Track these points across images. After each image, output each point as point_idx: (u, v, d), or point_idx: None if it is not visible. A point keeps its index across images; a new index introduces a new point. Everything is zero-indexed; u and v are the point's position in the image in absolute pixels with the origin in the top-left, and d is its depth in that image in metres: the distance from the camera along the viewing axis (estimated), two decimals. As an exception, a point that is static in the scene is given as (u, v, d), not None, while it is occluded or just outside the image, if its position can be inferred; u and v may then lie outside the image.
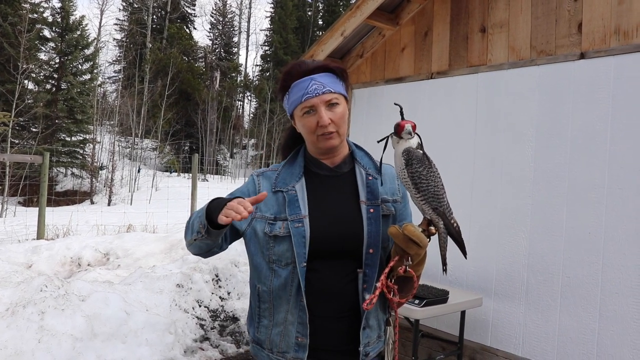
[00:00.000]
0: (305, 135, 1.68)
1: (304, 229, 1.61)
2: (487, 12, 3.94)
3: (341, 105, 1.66)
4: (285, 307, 1.65)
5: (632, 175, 3.14)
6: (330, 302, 1.63)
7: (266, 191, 1.70)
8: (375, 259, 1.64)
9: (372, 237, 1.63)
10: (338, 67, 1.69)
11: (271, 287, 1.66)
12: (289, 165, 1.75)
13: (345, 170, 1.74)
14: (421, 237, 1.46)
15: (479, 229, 3.88)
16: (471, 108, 4.00)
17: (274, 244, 1.65)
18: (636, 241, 3.11)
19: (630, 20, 3.18)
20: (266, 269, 1.68)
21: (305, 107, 1.63)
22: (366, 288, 1.63)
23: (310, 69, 1.66)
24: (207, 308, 4.84)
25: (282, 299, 1.65)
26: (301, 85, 1.64)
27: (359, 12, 4.31)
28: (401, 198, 1.77)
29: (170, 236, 7.23)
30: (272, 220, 1.66)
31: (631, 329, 3.11)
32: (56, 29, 28.74)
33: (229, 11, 52.16)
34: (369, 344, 1.67)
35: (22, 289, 3.92)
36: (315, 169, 1.73)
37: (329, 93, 1.62)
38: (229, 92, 43.35)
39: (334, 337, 1.65)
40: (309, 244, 1.61)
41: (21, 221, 11.46)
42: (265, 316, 1.70)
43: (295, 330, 1.63)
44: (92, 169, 27.78)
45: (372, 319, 1.67)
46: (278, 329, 1.66)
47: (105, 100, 38.49)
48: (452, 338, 3.96)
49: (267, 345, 1.69)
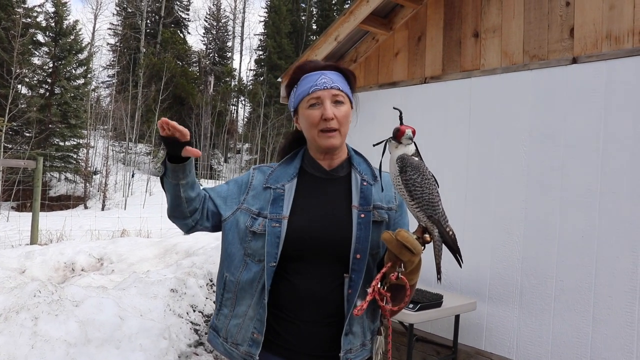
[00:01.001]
0: (307, 131, 1.69)
1: (280, 230, 1.62)
2: (480, 17, 3.96)
3: (346, 105, 1.67)
4: (248, 302, 1.65)
5: (625, 179, 3.16)
6: (314, 306, 1.62)
7: (257, 184, 1.73)
8: (362, 265, 1.62)
9: (361, 243, 1.62)
10: (348, 70, 1.72)
11: (239, 278, 1.68)
12: (286, 164, 1.76)
13: (341, 175, 1.74)
14: (415, 243, 1.44)
15: (473, 233, 3.89)
16: (464, 113, 4.02)
17: (252, 238, 1.66)
18: (629, 245, 3.13)
19: (622, 26, 3.21)
20: (239, 260, 1.69)
21: (312, 99, 1.64)
22: (351, 294, 1.61)
23: (321, 66, 1.69)
24: (202, 313, 4.82)
25: (247, 292, 1.66)
26: (310, 79, 1.65)
27: (352, 17, 4.33)
28: (397, 207, 1.76)
29: (164, 241, 7.20)
30: (256, 215, 1.68)
31: (624, 333, 3.12)
32: (50, 34, 28.68)
33: (223, 16, 52.20)
34: (350, 351, 1.64)
35: (16, 294, 3.90)
36: (311, 170, 1.73)
37: (337, 89, 1.64)
38: (223, 96, 43.30)
39: (315, 342, 1.64)
40: (283, 245, 1.61)
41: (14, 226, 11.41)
42: (226, 305, 1.72)
43: (253, 326, 1.64)
44: (86, 174, 27.68)
45: (357, 325, 1.65)
46: (237, 320, 1.68)
47: (99, 105, 38.41)
48: (446, 342, 3.96)
49: (223, 334, 1.72)
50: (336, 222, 1.65)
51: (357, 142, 4.55)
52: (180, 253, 6.34)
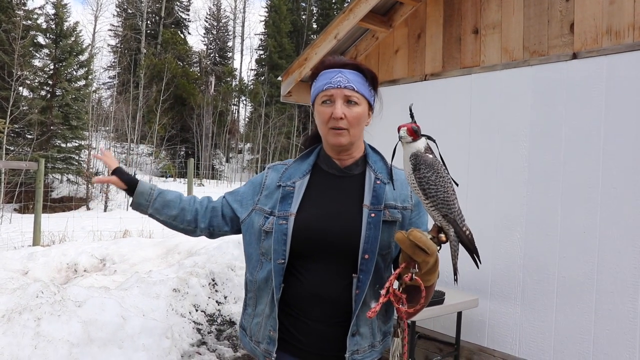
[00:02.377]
0: (319, 127, 1.69)
1: (287, 227, 1.61)
2: (479, 14, 3.96)
3: (361, 107, 1.65)
4: (265, 300, 1.67)
5: (626, 175, 3.15)
6: (322, 305, 1.61)
7: (271, 183, 1.76)
8: (370, 265, 1.59)
9: (369, 243, 1.59)
10: (369, 71, 1.70)
11: (256, 278, 1.70)
12: (300, 161, 1.77)
13: (355, 173, 1.72)
14: (429, 243, 1.37)
15: (474, 230, 3.86)
16: (465, 109, 4.02)
17: (265, 237, 1.67)
18: (630, 240, 3.12)
19: (622, 20, 3.20)
20: (256, 259, 1.71)
21: (324, 96, 1.63)
22: (358, 294, 1.58)
23: (342, 63, 1.67)
24: (204, 312, 4.83)
25: (264, 291, 1.67)
26: (328, 75, 1.65)
27: (352, 15, 4.32)
28: (413, 206, 1.70)
29: (166, 241, 7.21)
30: (268, 214, 1.68)
31: (626, 328, 3.12)
32: (50, 36, 28.66)
33: (223, 16, 52.19)
34: (357, 352, 1.62)
35: (18, 295, 3.90)
36: (325, 167, 1.73)
37: (351, 90, 1.62)
38: (224, 96, 43.29)
39: (324, 341, 1.62)
40: (292, 242, 1.61)
41: (17, 228, 11.40)
42: (249, 305, 1.76)
43: (270, 324, 1.65)
44: (88, 175, 27.69)
45: (365, 326, 1.63)
46: (257, 319, 1.70)
47: (100, 106, 38.41)
48: (448, 339, 3.96)
49: (249, 332, 1.75)
50: (344, 220, 1.62)
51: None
52: (183, 253, 6.35)
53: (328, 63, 1.68)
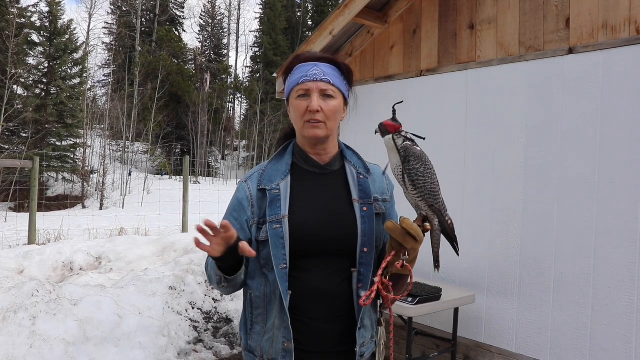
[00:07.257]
0: (295, 121, 1.67)
1: (282, 230, 1.58)
2: (475, 9, 3.95)
3: (337, 100, 1.64)
4: (275, 312, 1.61)
5: (622, 170, 3.15)
6: (322, 303, 1.60)
7: (255, 192, 1.67)
8: (370, 258, 1.61)
9: (367, 236, 1.61)
10: (345, 65, 1.69)
11: (264, 292, 1.63)
12: (276, 161, 1.72)
13: (335, 168, 1.71)
14: (418, 230, 1.45)
15: (471, 225, 3.88)
16: (461, 105, 4.01)
17: (262, 248, 1.63)
18: (627, 235, 3.12)
19: (618, 15, 3.20)
20: (259, 274, 1.65)
21: (300, 90, 1.62)
22: (361, 287, 1.60)
23: (317, 57, 1.66)
24: (201, 310, 4.82)
25: (274, 303, 1.61)
26: (303, 69, 1.64)
27: (347, 11, 4.31)
28: (390, 197, 1.76)
29: (162, 239, 7.19)
30: (261, 224, 1.63)
31: (623, 323, 3.12)
32: (44, 33, 28.57)
33: (218, 13, 52.05)
34: (363, 344, 1.64)
35: (13, 294, 3.89)
36: (304, 166, 1.70)
37: (327, 83, 1.61)
38: (220, 94, 43.22)
39: (328, 339, 1.62)
40: (290, 244, 1.58)
41: (12, 226, 11.38)
42: (258, 322, 1.66)
43: (282, 336, 1.59)
44: (83, 173, 27.62)
45: (367, 319, 1.65)
46: (268, 335, 1.63)
47: (95, 104, 38.29)
48: (445, 335, 3.96)
49: (259, 353, 1.65)
50: (340, 217, 1.63)
51: (354, 135, 4.57)
52: (179, 251, 6.33)
53: (303, 57, 1.67)
